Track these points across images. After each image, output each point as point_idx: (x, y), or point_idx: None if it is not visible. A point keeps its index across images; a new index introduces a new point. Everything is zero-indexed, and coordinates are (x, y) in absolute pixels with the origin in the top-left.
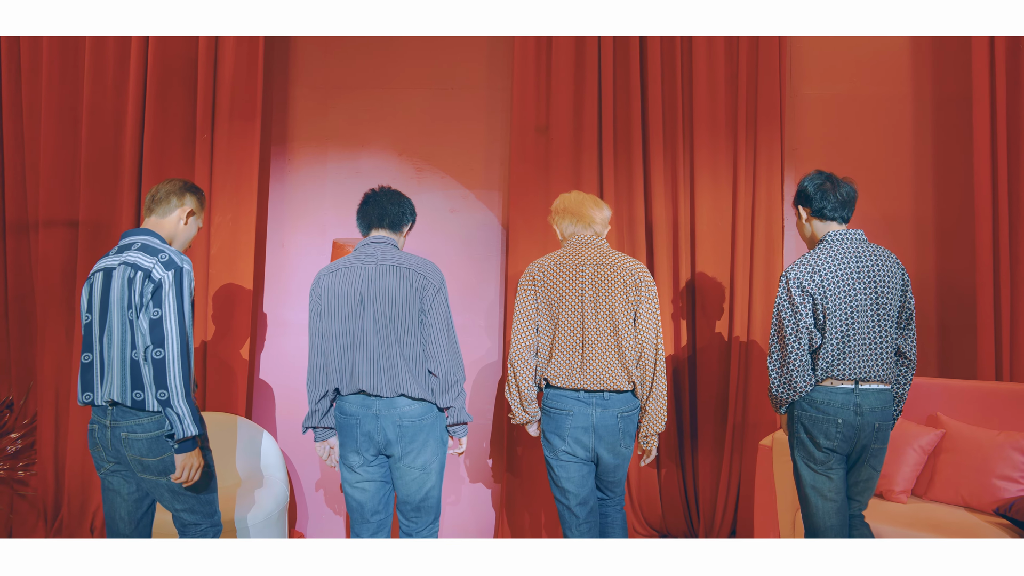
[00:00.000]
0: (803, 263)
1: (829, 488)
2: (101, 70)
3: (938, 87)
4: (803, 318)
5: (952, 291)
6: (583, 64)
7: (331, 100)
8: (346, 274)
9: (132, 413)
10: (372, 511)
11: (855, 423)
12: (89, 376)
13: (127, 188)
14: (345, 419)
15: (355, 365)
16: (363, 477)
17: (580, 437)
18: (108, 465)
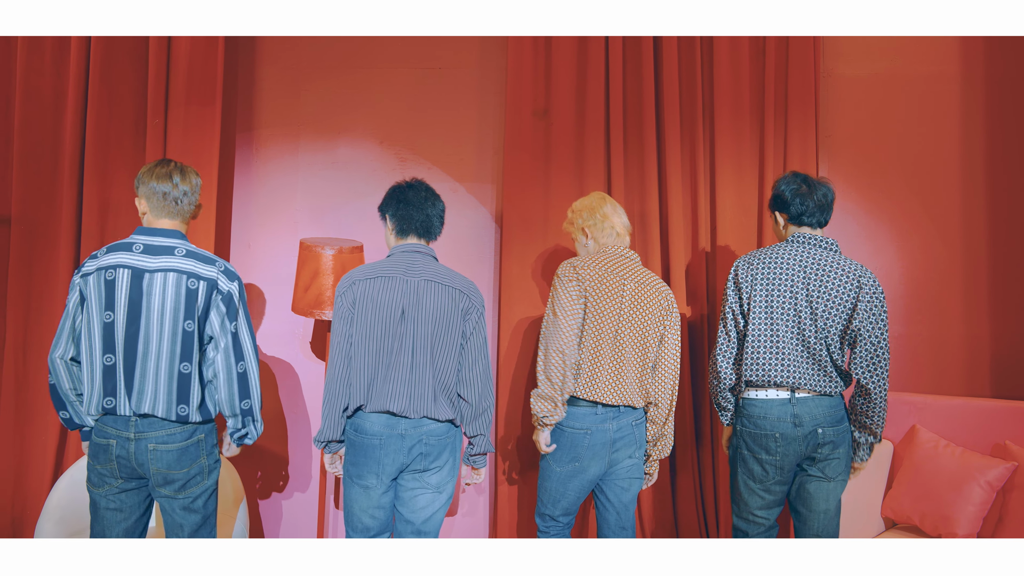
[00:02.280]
0: (751, 254)
1: (758, 506)
2: (37, 45)
3: (991, 66)
4: (732, 304)
5: (1009, 299)
6: (587, 39)
7: (304, 82)
8: (386, 284)
9: (163, 424)
10: (378, 533)
11: (793, 435)
12: (112, 382)
13: (67, 180)
14: (365, 439)
15: (386, 383)
16: (379, 504)
17: (598, 452)
18: (116, 483)
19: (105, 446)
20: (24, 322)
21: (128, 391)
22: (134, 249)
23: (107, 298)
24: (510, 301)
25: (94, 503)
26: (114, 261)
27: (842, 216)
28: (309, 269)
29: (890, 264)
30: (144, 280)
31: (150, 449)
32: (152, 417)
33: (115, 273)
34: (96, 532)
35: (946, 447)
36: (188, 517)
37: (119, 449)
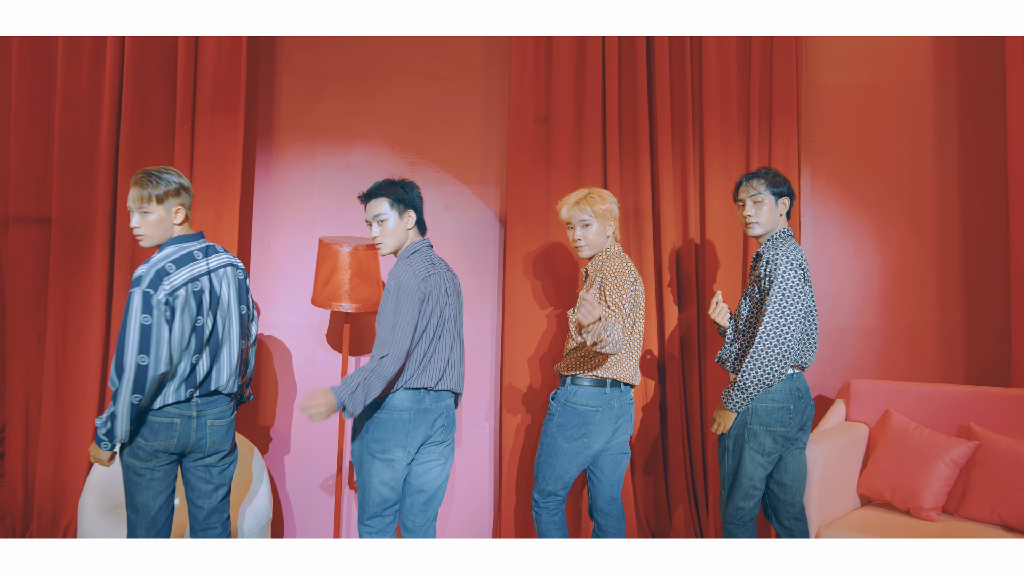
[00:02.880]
0: (799, 251)
1: (761, 480)
2: (75, 58)
3: (963, 74)
4: (807, 300)
5: (981, 293)
6: (585, 50)
7: (320, 90)
8: (440, 279)
9: (217, 401)
10: (394, 504)
11: (799, 407)
12: (194, 376)
13: (103, 183)
14: (394, 415)
15: (449, 363)
16: (400, 476)
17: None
18: (164, 457)
19: (168, 424)
20: (63, 316)
21: (207, 374)
22: (197, 256)
23: (198, 307)
24: (513, 294)
25: (139, 476)
26: (195, 272)
27: (824, 216)
28: (328, 265)
29: (869, 261)
30: (213, 279)
31: (208, 424)
32: (218, 395)
33: (200, 284)
34: (140, 501)
35: (916, 429)
36: (223, 479)
37: (182, 426)
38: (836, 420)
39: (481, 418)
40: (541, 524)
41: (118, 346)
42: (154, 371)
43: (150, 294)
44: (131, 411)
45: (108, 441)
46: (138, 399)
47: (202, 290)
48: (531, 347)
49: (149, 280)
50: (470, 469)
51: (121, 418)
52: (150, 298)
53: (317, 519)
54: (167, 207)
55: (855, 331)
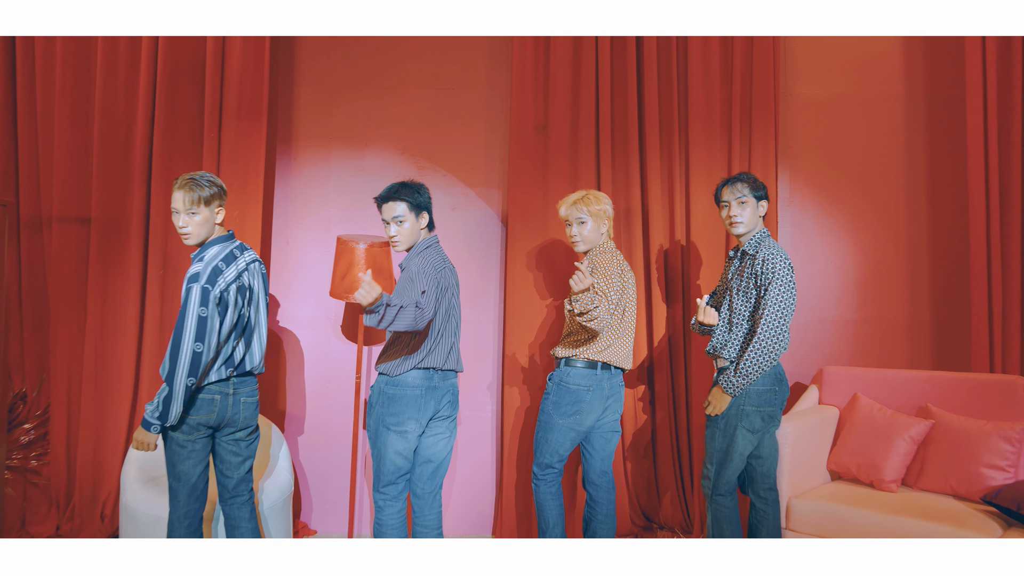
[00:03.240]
0: (785, 253)
1: (747, 453)
2: (112, 71)
3: (931, 86)
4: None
5: (946, 287)
6: (580, 63)
7: (335, 100)
8: (450, 273)
9: (248, 381)
10: (406, 473)
11: (780, 391)
12: (232, 358)
13: (137, 186)
14: (407, 391)
15: (453, 346)
16: (411, 447)
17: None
18: (204, 431)
19: (210, 400)
20: (101, 308)
21: (242, 357)
22: (236, 254)
23: (242, 298)
24: (514, 288)
25: (182, 448)
26: (239, 269)
27: (802, 216)
28: (345, 261)
29: (844, 258)
30: (247, 275)
31: (242, 401)
32: (250, 375)
33: (242, 279)
34: (182, 470)
35: (880, 410)
36: (250, 452)
37: (221, 402)
38: (810, 403)
39: (485, 400)
40: (539, 495)
41: (174, 335)
42: (206, 357)
43: (208, 290)
44: (185, 393)
45: (158, 424)
46: (191, 382)
47: (243, 285)
48: (530, 335)
49: (207, 277)
50: (475, 446)
51: (176, 400)
52: (208, 293)
53: (330, 493)
54: (211, 208)
55: (831, 323)
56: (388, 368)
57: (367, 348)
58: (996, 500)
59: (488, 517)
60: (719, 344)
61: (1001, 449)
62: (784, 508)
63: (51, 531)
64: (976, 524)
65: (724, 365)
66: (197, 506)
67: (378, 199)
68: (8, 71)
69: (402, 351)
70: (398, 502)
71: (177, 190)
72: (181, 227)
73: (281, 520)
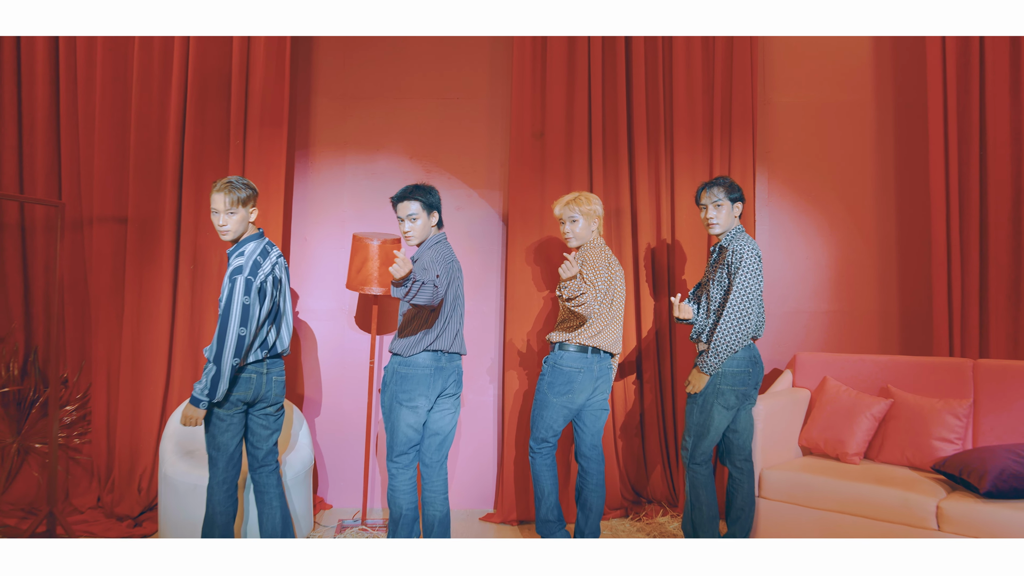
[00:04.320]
0: (755, 243)
1: (723, 427)
2: (147, 83)
3: (898, 95)
4: (762, 284)
5: (912, 280)
6: (574, 76)
7: (349, 109)
8: (457, 266)
9: (278, 362)
10: (416, 444)
11: (754, 372)
12: (266, 342)
13: (169, 188)
14: (418, 371)
15: (459, 331)
16: (421, 420)
17: (585, 386)
18: (241, 406)
19: (247, 379)
20: (137, 299)
21: (274, 341)
22: (268, 250)
23: (275, 289)
24: (514, 281)
25: (221, 421)
26: (272, 262)
27: (779, 215)
28: (360, 256)
29: (818, 253)
30: (277, 267)
31: (273, 380)
32: (279, 357)
33: (274, 272)
34: (221, 441)
35: (846, 391)
36: (277, 426)
37: (256, 380)
38: (784, 386)
39: (487, 382)
40: (536, 466)
41: (221, 321)
42: (248, 340)
43: (251, 281)
44: (230, 372)
45: (206, 400)
46: (236, 362)
47: (275, 277)
48: (528, 323)
49: (249, 270)
50: (478, 426)
51: (223, 378)
52: (251, 284)
53: (345, 471)
54: (247, 208)
55: (807, 314)
56: (401, 350)
57: (379, 337)
58: (943, 468)
59: (490, 492)
60: (699, 330)
61: (950, 424)
62: (757, 477)
63: (92, 502)
64: (924, 488)
65: (704, 349)
66: (234, 473)
67: (394, 199)
68: (52, 86)
69: (414, 335)
70: (409, 470)
71: (216, 192)
72: (221, 225)
73: (303, 490)
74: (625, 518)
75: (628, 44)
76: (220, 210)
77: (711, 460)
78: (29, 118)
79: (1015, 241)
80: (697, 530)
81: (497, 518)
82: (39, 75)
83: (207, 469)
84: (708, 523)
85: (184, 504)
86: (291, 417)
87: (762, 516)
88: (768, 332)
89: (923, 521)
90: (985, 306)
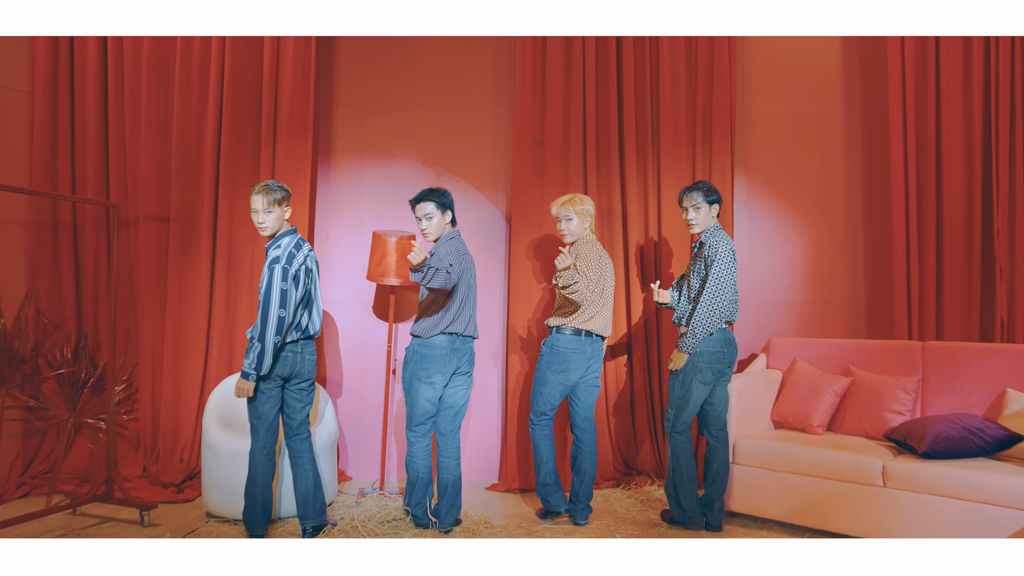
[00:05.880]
0: (730, 239)
1: (700, 400)
2: (186, 96)
3: (865, 106)
4: (736, 274)
5: (877, 272)
6: (570, 89)
7: (367, 119)
8: (470, 261)
9: (311, 343)
10: (432, 416)
11: (728, 352)
12: (300, 324)
13: (207, 190)
14: (436, 351)
15: (471, 317)
16: (437, 395)
17: (579, 365)
18: (279, 380)
19: (285, 357)
20: (179, 291)
21: (307, 323)
22: (301, 244)
23: (307, 277)
24: (516, 274)
25: (262, 394)
26: (304, 254)
27: (758, 214)
28: (380, 251)
29: (793, 250)
30: (309, 259)
31: (307, 358)
32: (311, 338)
33: (307, 262)
34: (262, 412)
35: (812, 371)
36: (309, 399)
37: (292, 358)
38: (759, 367)
39: (491, 366)
40: (535, 437)
41: (263, 306)
42: (287, 321)
43: (287, 269)
44: (273, 348)
45: (255, 374)
46: (277, 340)
47: (307, 267)
48: (529, 311)
49: (285, 260)
50: (484, 406)
51: (267, 354)
52: (287, 272)
53: (364, 446)
54: (282, 207)
55: (782, 304)
56: (421, 332)
57: (396, 324)
58: (892, 435)
59: (495, 466)
60: (681, 315)
61: (901, 398)
62: (732, 446)
63: (139, 472)
64: (874, 452)
65: (685, 331)
66: (272, 439)
67: (412, 201)
68: (101, 103)
69: (432, 318)
70: (426, 438)
71: (256, 194)
72: (260, 223)
73: (328, 458)
74: (617, 488)
75: (619, 59)
76: (259, 209)
77: (690, 430)
78: (81, 131)
79: (967, 238)
80: (678, 491)
81: (501, 487)
82: (89, 91)
83: (245, 438)
84: (687, 485)
85: (226, 469)
86: (317, 396)
87: (735, 479)
88: (746, 320)
89: (871, 479)
90: (941, 295)
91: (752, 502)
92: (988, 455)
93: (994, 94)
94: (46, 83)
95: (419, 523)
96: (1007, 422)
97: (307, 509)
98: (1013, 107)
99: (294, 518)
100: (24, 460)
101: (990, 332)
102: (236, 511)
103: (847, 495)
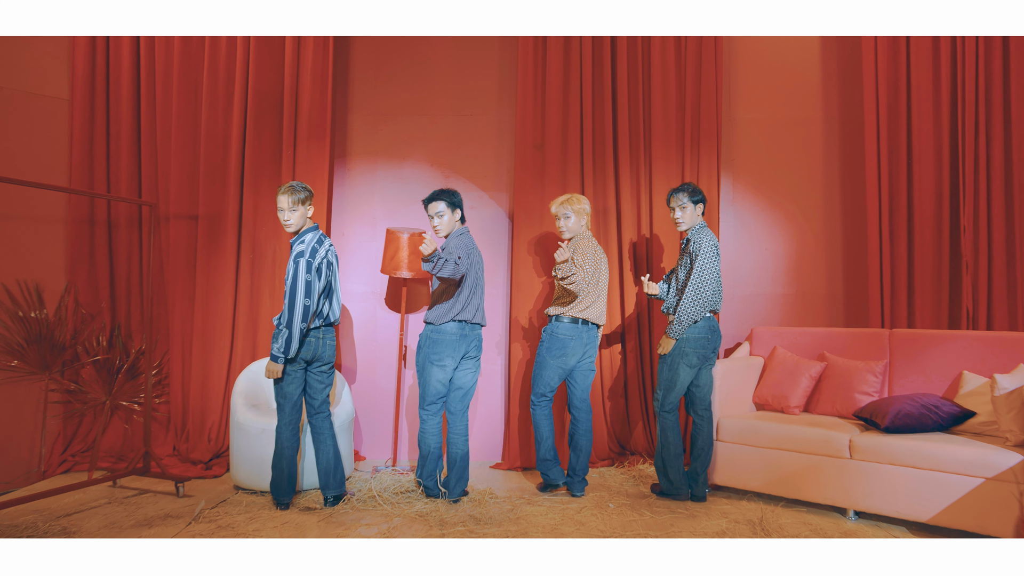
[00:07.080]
0: (714, 236)
1: (685, 382)
2: (213, 103)
3: (843, 113)
4: (719, 267)
5: (853, 266)
6: (568, 97)
7: (380, 124)
8: (478, 255)
9: (331, 329)
10: (443, 396)
11: (712, 339)
12: (321, 312)
13: (232, 191)
14: (446, 337)
15: (479, 306)
16: (448, 376)
17: (576, 350)
18: (302, 363)
19: (308, 342)
20: (206, 284)
21: (328, 311)
22: (323, 239)
23: (328, 270)
24: (518, 268)
25: (288, 375)
26: (326, 249)
27: (743, 213)
28: (393, 246)
29: (777, 246)
30: (330, 252)
31: (328, 344)
32: (332, 325)
33: (328, 256)
34: (288, 391)
35: (791, 357)
36: (329, 381)
37: (315, 343)
38: (742, 354)
39: (495, 354)
40: (536, 416)
41: (290, 296)
42: (312, 309)
43: (311, 262)
44: (299, 334)
45: (283, 357)
46: (303, 327)
47: (328, 260)
48: (530, 303)
49: (309, 253)
50: (489, 392)
51: (294, 339)
52: (311, 265)
53: (377, 429)
54: (305, 206)
55: (766, 296)
56: (433, 319)
57: (408, 315)
58: (860, 413)
59: (498, 447)
60: (669, 305)
61: (869, 380)
62: (716, 424)
63: (169, 451)
64: (843, 428)
65: (672, 319)
66: (296, 416)
67: (424, 200)
68: (134, 106)
69: (443, 306)
70: (437, 417)
71: (282, 194)
72: (285, 220)
73: (346, 437)
74: (612, 466)
75: (613, 67)
76: (284, 208)
77: (678, 409)
78: (116, 136)
79: (936, 234)
80: (666, 465)
81: (504, 466)
82: (124, 100)
83: (270, 417)
84: (675, 459)
85: (253, 445)
86: (335, 381)
87: (719, 454)
88: (732, 311)
89: (839, 452)
90: (912, 287)
91: (734, 475)
92: (943, 430)
93: (960, 98)
94: (84, 92)
95: (430, 494)
96: (961, 400)
97: (328, 480)
98: (977, 112)
99: (315, 490)
100: (64, 439)
101: (957, 321)
102: (262, 483)
103: (818, 467)
